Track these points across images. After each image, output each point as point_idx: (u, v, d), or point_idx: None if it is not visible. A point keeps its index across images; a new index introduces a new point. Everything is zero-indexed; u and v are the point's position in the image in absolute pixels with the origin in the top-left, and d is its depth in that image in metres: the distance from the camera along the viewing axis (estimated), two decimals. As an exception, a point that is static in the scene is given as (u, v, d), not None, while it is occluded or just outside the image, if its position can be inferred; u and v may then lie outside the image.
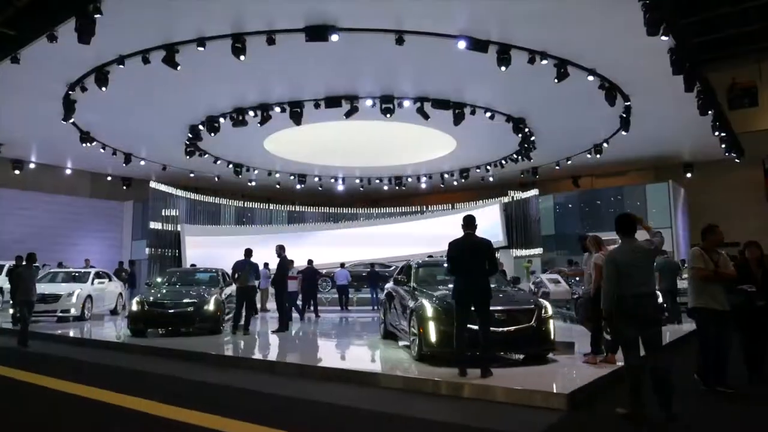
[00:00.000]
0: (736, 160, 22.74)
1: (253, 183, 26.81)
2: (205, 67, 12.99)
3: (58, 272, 15.96)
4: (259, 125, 15.87)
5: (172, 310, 11.07)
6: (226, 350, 9.78)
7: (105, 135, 19.30)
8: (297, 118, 15.36)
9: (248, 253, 11.83)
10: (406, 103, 15.11)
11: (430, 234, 26.11)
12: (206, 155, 21.15)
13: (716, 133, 17.67)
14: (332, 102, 14.91)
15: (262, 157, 23.25)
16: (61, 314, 13.80)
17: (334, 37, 11.11)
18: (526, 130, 17.80)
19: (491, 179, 26.36)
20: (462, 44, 11.51)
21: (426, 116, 15.27)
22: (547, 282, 13.80)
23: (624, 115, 16.31)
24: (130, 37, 11.73)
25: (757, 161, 24.15)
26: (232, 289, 12.49)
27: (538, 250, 22.85)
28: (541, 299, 8.28)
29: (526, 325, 7.24)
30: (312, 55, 12.65)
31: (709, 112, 15.22)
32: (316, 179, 26.39)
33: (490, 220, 24.39)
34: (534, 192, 24.10)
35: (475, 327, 6.62)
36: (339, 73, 14.16)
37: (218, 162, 22.35)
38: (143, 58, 12.10)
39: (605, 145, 20.02)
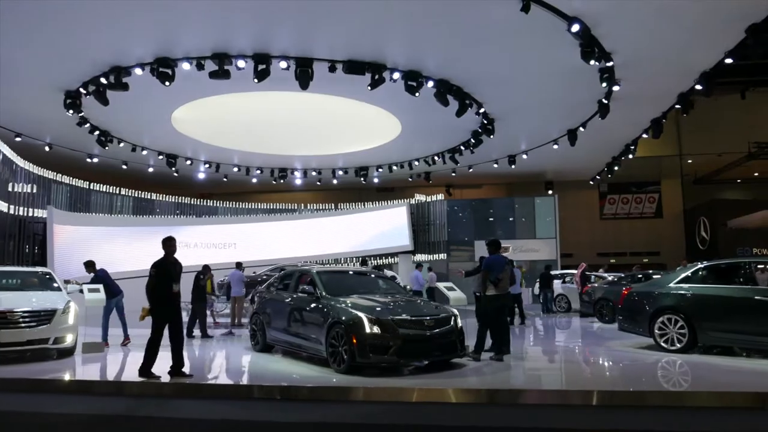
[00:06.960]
0: (590, 182, 26.21)
1: (96, 159, 20.67)
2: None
3: None
4: (257, 80, 12.02)
5: (428, 332, 6.99)
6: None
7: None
8: (305, 80, 12.15)
9: (497, 245, 8.35)
10: (429, 84, 13.26)
11: (309, 235, 23.74)
12: (81, 113, 15.39)
13: (630, 156, 19.86)
14: (354, 67, 12.21)
15: (136, 128, 18.07)
16: (53, 345, 7.92)
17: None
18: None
19: (375, 180, 25.21)
20: (575, 27, 10.50)
21: (446, 103, 13.63)
22: None
23: (582, 129, 17.14)
24: None
25: (595, 185, 28.21)
26: None
27: (443, 255, 22.54)
28: None
29: None
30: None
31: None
32: (188, 162, 21.58)
33: (396, 223, 23.19)
34: (440, 196, 23.79)
35: None
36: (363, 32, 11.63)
37: (85, 126, 16.50)
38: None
39: (524, 156, 20.85)
